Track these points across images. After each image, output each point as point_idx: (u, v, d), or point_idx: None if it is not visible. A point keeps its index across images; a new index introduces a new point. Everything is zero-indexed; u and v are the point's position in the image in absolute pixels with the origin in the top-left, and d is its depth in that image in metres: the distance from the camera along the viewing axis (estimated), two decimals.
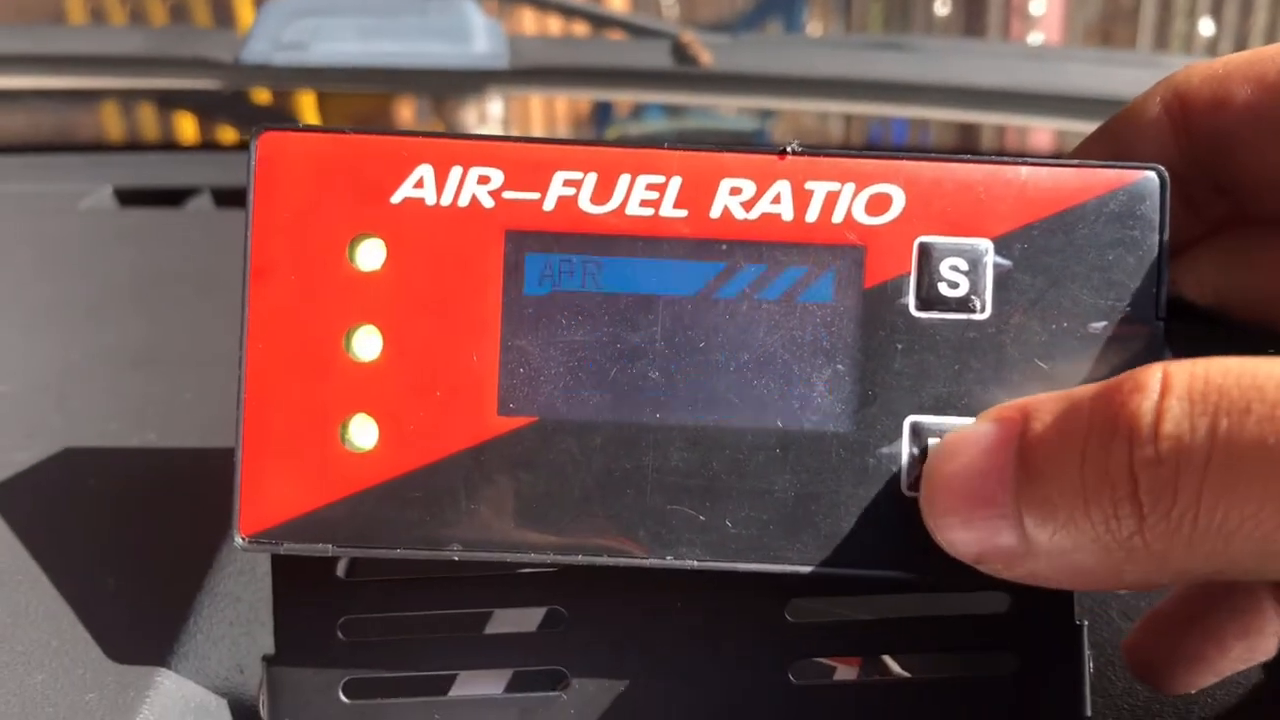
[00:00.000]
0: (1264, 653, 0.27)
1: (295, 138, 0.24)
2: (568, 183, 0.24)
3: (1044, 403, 0.21)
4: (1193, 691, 0.28)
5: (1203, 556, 0.19)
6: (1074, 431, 0.20)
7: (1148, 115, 0.26)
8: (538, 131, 1.63)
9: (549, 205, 0.24)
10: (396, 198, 0.24)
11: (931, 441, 0.24)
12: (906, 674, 0.28)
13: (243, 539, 0.25)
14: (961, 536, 0.22)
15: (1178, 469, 0.19)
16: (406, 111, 1.22)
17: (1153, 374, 0.19)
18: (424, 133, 0.25)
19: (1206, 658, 0.27)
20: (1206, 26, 2.51)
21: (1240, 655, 0.27)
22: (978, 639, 0.27)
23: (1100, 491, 0.20)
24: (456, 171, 0.24)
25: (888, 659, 0.29)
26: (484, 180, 0.24)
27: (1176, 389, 0.19)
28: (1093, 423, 0.20)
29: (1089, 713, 0.26)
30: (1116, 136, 0.26)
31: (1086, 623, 0.26)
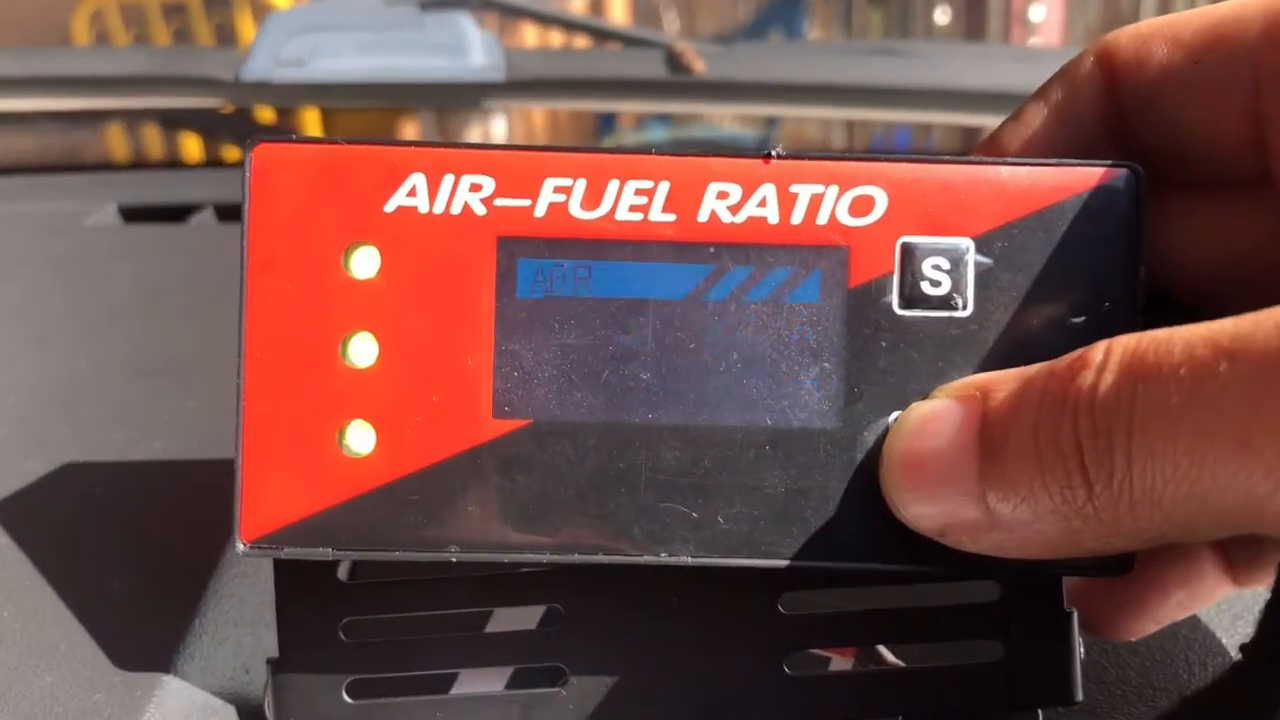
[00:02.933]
0: (1203, 601, 0.28)
1: (289, 149, 0.25)
2: (558, 189, 0.25)
3: (1002, 380, 0.22)
4: (1134, 639, 0.29)
5: (1145, 520, 0.20)
6: (1028, 407, 0.21)
7: (1082, 74, 0.26)
8: None
9: (540, 211, 0.25)
10: (390, 206, 0.25)
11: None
12: (901, 663, 0.29)
13: (244, 545, 0.25)
14: (925, 511, 0.23)
15: (1111, 437, 0.19)
16: (411, 130, 1.22)
17: (1098, 348, 0.20)
18: (416, 142, 0.25)
19: (1148, 605, 0.27)
20: None
21: (1181, 602, 0.27)
22: (969, 627, 0.27)
23: (1054, 464, 0.20)
24: (448, 180, 0.25)
25: (882, 649, 0.29)
26: (476, 188, 0.25)
27: (1112, 360, 0.20)
28: (1043, 398, 0.21)
29: (1080, 697, 0.26)
30: (1055, 96, 0.27)
31: (1075, 610, 0.27)
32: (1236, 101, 0.24)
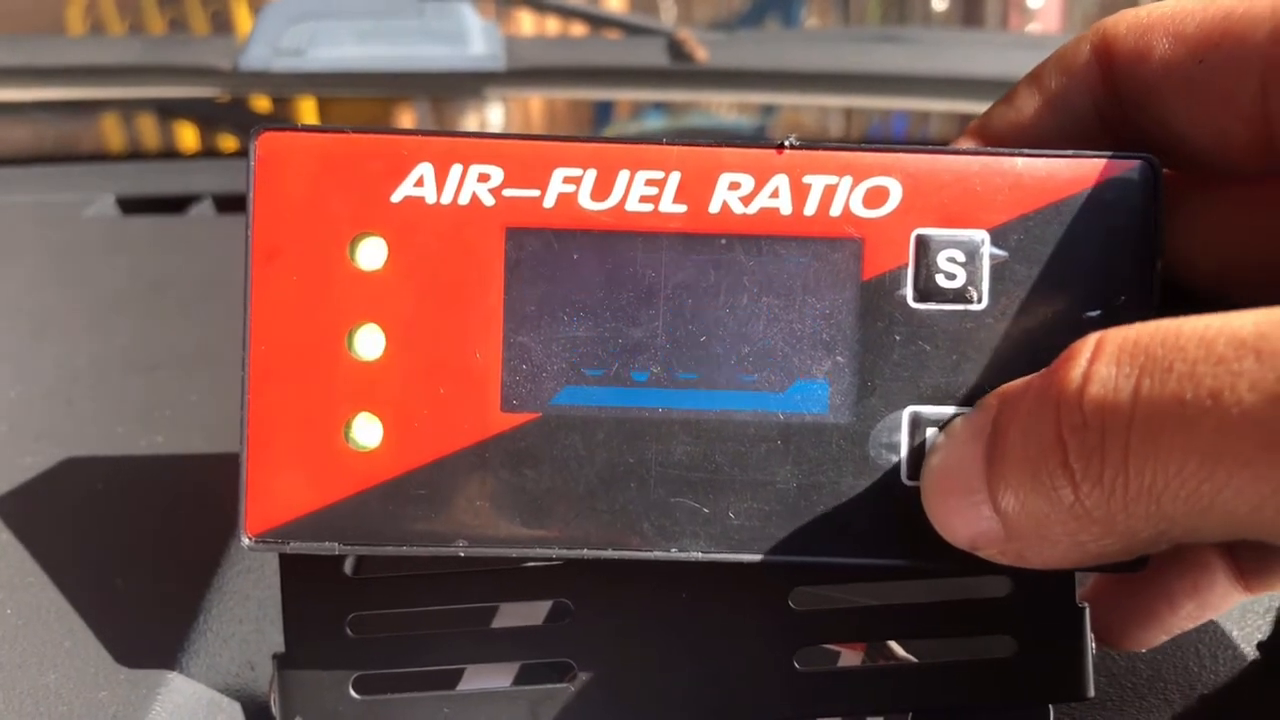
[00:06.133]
0: (1213, 610, 0.27)
1: (294, 138, 0.25)
2: (567, 179, 0.25)
3: (1013, 386, 0.22)
4: (1143, 650, 0.28)
5: (1141, 518, 0.19)
6: (1021, 406, 0.21)
7: (1078, 61, 0.25)
8: None
9: (549, 202, 0.25)
10: (397, 196, 0.25)
11: (930, 431, 0.25)
12: (911, 658, 0.28)
13: (249, 539, 0.25)
14: (954, 523, 0.23)
15: (1104, 431, 0.19)
16: (407, 118, 1.22)
17: (1088, 341, 0.20)
18: (423, 131, 0.25)
19: (1158, 615, 0.27)
20: None
21: (1191, 613, 0.27)
22: (981, 623, 0.27)
23: (1039, 461, 0.20)
24: (456, 170, 0.25)
25: (892, 644, 0.29)
26: (484, 178, 0.25)
27: (1106, 353, 0.19)
28: (1035, 395, 0.20)
29: (1092, 693, 0.26)
30: (1049, 81, 0.26)
31: (1087, 605, 0.26)
32: (1244, 103, 0.23)
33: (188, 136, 1.04)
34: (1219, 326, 0.18)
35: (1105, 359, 0.19)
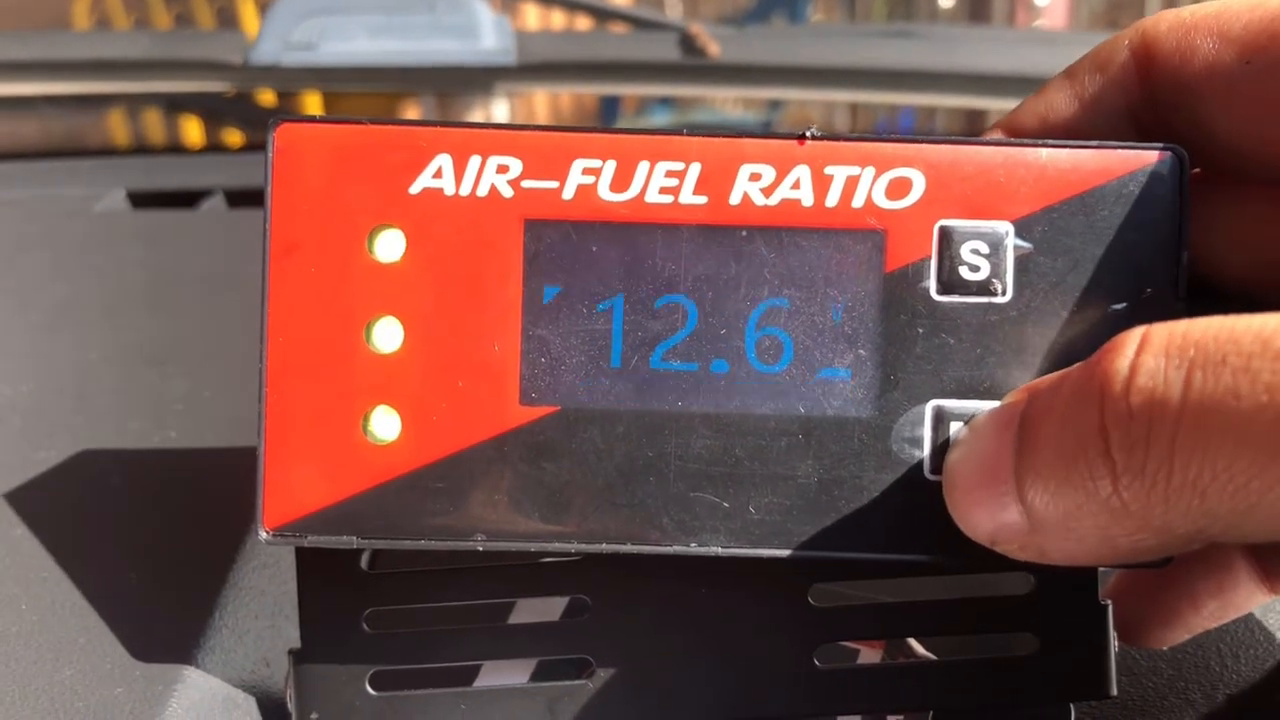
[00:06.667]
0: (1237, 610, 0.27)
1: (313, 129, 0.24)
2: (587, 171, 0.24)
3: (1044, 380, 0.22)
4: (1165, 648, 0.28)
5: (1181, 513, 0.18)
6: (1058, 399, 0.20)
7: (1116, 60, 0.25)
8: None
9: (568, 194, 0.24)
10: (415, 188, 0.24)
11: (954, 425, 0.24)
12: (931, 656, 0.28)
13: (267, 533, 0.25)
14: (975, 517, 0.22)
15: (1150, 423, 0.18)
16: (413, 112, 1.22)
17: (1133, 334, 0.19)
18: (442, 122, 0.25)
19: (1181, 614, 0.27)
20: None
21: (1214, 613, 0.27)
22: (1002, 620, 0.27)
23: (1077, 452, 0.19)
24: (475, 161, 0.24)
25: (912, 641, 0.29)
26: (503, 170, 0.24)
27: (1153, 346, 0.19)
28: (1074, 387, 0.20)
29: (1114, 691, 0.26)
30: (1084, 80, 0.26)
31: (1110, 602, 0.26)
32: None
33: (198, 131, 1.04)
34: (1276, 324, 0.18)
35: (1153, 351, 0.19)
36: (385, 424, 0.25)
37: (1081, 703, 0.27)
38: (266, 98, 0.91)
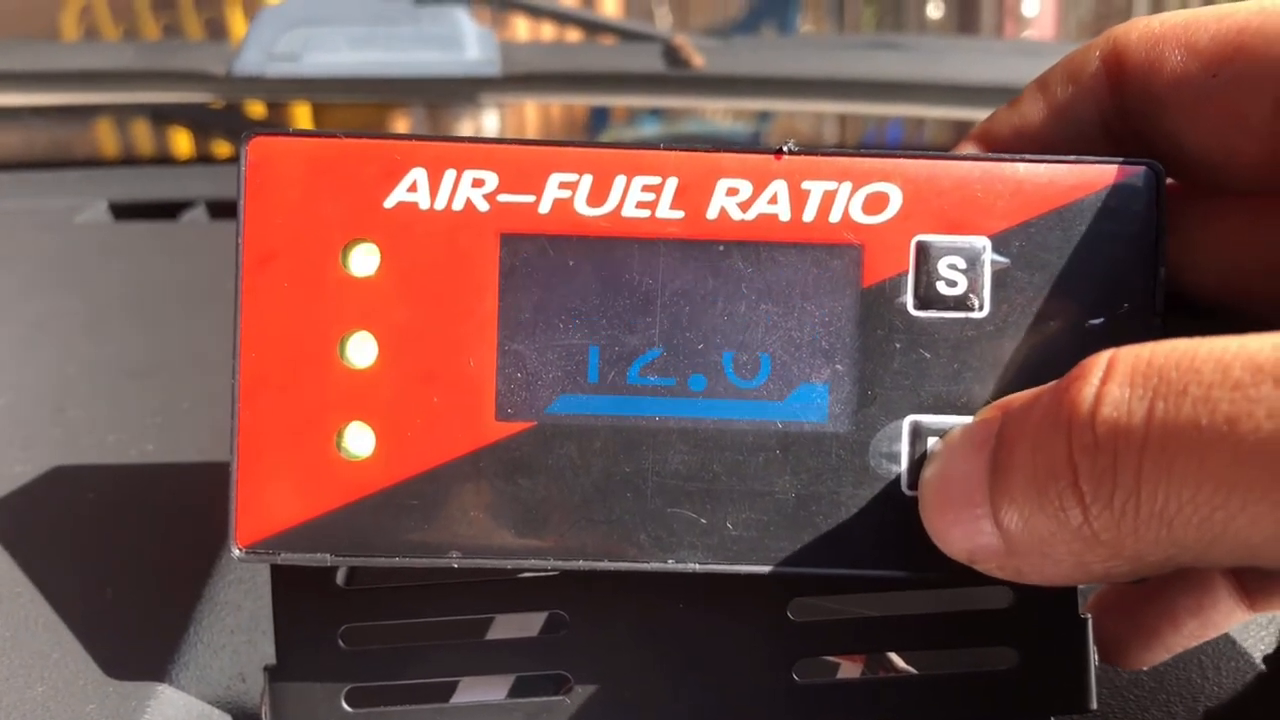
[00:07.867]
0: (1216, 629, 0.27)
1: (286, 142, 0.24)
2: (563, 185, 0.24)
3: (1018, 399, 0.21)
4: (1145, 668, 0.28)
5: (1151, 543, 0.18)
6: (1029, 423, 0.20)
7: (1087, 70, 0.25)
8: None
9: (544, 208, 0.24)
10: (390, 202, 0.24)
11: (931, 441, 0.24)
12: (912, 670, 0.28)
13: (240, 550, 0.24)
14: (952, 536, 0.22)
15: (1115, 454, 0.18)
16: (402, 125, 1.21)
17: (1099, 360, 0.19)
18: (417, 136, 0.24)
19: (1160, 634, 0.27)
20: None
21: (1193, 631, 0.27)
22: (982, 634, 0.27)
23: (1048, 481, 0.19)
24: (450, 175, 0.24)
25: (892, 656, 0.28)
26: (478, 183, 0.24)
27: (1118, 374, 0.19)
28: (1043, 412, 0.20)
29: (1094, 706, 0.26)
30: (1056, 90, 0.25)
31: (1090, 616, 0.26)
32: (1255, 120, 0.23)
33: (181, 142, 1.04)
34: (1235, 350, 0.18)
35: (1118, 379, 0.18)
36: (359, 440, 0.24)
37: (1062, 717, 0.26)
38: (255, 109, 0.91)
